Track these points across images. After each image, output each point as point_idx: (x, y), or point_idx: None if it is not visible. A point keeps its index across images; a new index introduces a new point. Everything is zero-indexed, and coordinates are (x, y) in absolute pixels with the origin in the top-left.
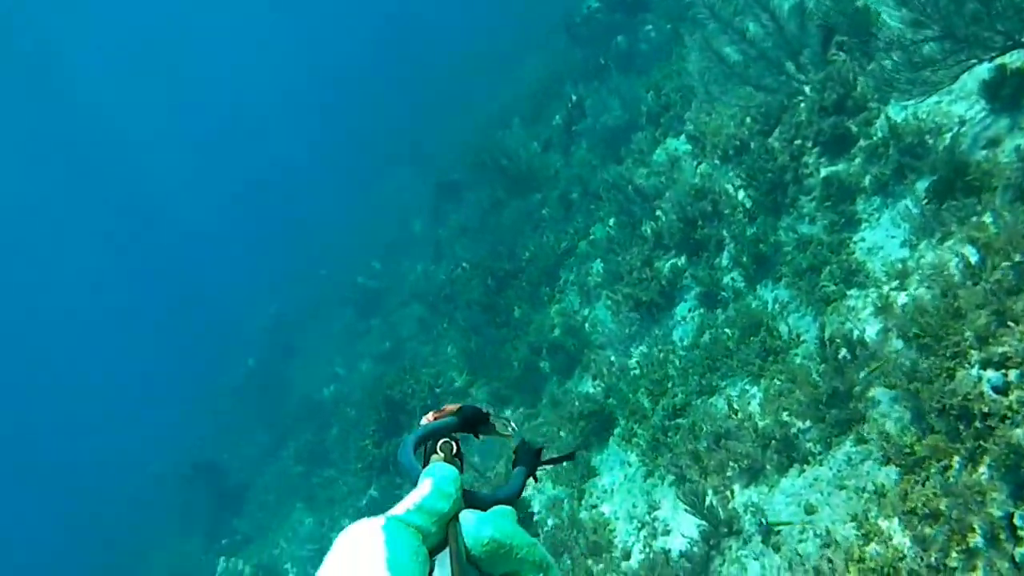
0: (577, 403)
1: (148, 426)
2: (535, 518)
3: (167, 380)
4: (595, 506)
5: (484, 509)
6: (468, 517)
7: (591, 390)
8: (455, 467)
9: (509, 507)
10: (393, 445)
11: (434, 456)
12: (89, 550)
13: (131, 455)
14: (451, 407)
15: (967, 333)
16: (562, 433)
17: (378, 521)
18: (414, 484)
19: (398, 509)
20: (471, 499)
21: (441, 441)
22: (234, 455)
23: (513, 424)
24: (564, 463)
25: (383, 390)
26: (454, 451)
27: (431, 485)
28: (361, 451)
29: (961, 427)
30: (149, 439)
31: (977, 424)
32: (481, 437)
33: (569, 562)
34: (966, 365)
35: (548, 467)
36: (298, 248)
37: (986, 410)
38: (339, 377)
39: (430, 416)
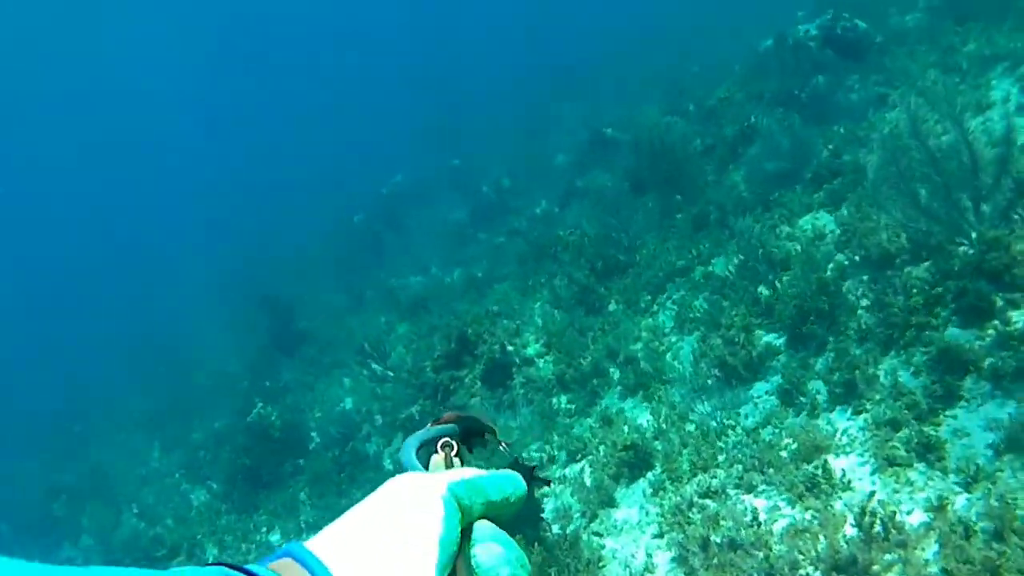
0: (626, 429)
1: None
2: (543, 518)
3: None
4: (600, 535)
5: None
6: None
7: (643, 423)
8: (457, 466)
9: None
10: (448, 377)
11: (434, 456)
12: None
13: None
14: (450, 415)
15: None
16: (601, 448)
17: (439, 488)
18: None
19: (455, 475)
20: None
21: (441, 442)
22: (306, 300)
23: (505, 443)
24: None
25: (461, 325)
26: (454, 452)
27: (494, 474)
28: (418, 370)
29: None
30: (237, 269)
31: None
32: (475, 450)
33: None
34: None
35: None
36: (439, 133)
37: None
38: (429, 273)
39: (429, 426)
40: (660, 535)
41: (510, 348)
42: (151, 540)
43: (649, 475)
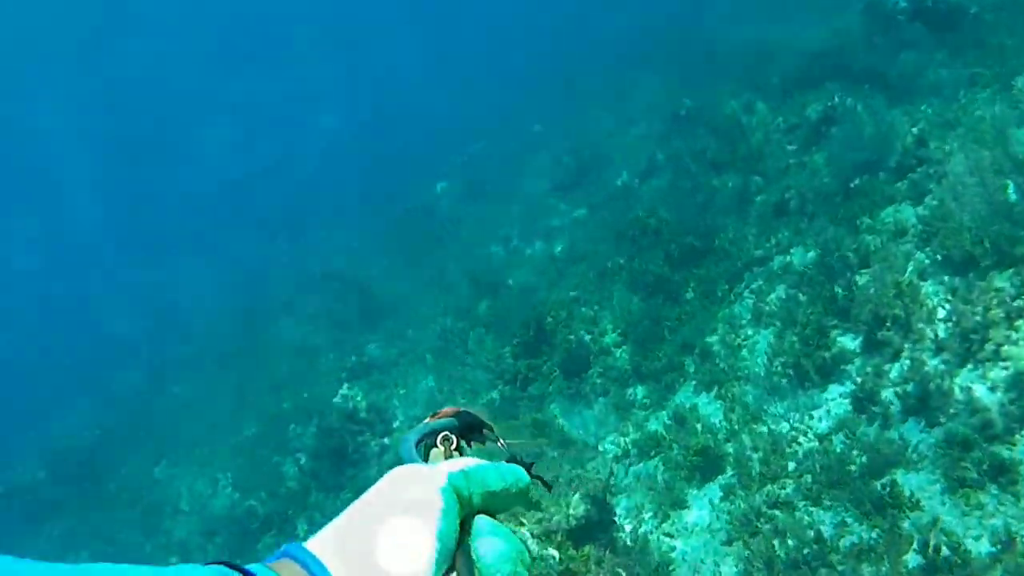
0: (699, 428)
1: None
2: (615, 521)
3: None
4: (671, 536)
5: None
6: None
7: (716, 423)
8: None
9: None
10: (526, 366)
11: (434, 450)
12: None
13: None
14: (450, 409)
15: None
16: (674, 447)
17: (439, 479)
18: None
19: (454, 465)
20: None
21: (440, 436)
22: (387, 274)
23: (503, 441)
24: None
25: (538, 315)
26: (454, 445)
27: (489, 463)
28: (497, 356)
29: None
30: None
31: None
32: (473, 446)
33: None
34: None
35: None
36: (523, 102)
37: None
38: (510, 246)
39: (428, 419)
40: (730, 541)
41: (587, 337)
42: (246, 512)
43: (720, 479)
